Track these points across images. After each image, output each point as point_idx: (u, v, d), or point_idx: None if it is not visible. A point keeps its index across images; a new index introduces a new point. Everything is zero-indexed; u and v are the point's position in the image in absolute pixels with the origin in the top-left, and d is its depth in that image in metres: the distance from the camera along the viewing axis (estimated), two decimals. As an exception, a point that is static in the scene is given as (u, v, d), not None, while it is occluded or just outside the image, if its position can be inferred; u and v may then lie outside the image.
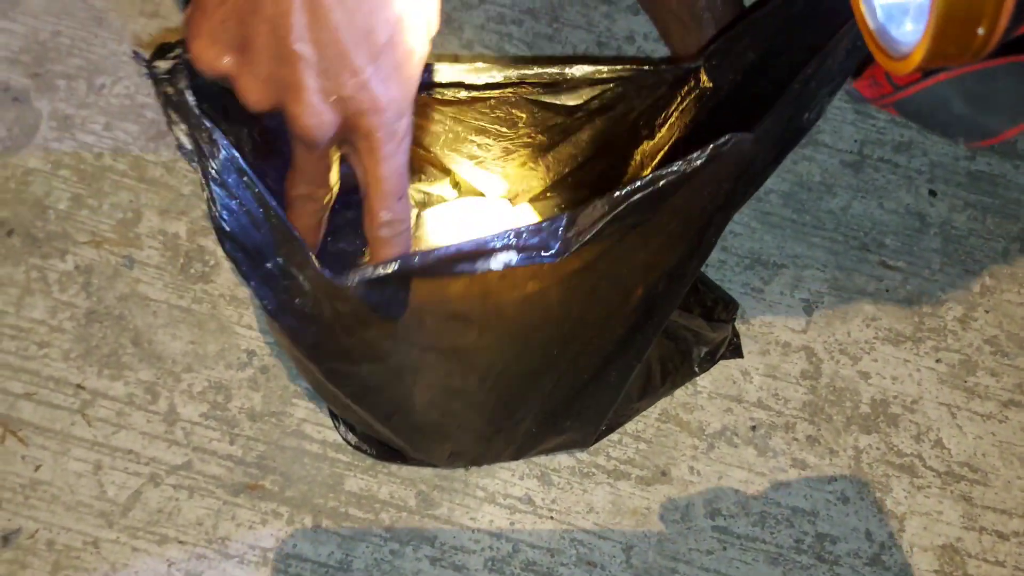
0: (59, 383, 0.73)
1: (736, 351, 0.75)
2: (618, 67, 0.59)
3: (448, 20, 0.83)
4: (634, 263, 0.52)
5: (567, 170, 0.67)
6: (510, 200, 0.71)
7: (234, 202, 0.41)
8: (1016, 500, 0.74)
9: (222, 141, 0.40)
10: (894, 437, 0.75)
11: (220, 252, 0.76)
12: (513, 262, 0.46)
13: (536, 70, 0.58)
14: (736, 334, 0.76)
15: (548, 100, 0.60)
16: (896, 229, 0.81)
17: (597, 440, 0.72)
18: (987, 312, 0.79)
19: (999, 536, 0.73)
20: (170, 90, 0.40)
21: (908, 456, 0.75)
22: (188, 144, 0.41)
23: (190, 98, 0.40)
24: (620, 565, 0.70)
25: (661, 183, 0.46)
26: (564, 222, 0.45)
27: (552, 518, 0.72)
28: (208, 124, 0.40)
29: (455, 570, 0.70)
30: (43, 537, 0.69)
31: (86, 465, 0.71)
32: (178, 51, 0.41)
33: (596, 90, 0.60)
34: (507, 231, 0.45)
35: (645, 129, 0.64)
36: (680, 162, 0.46)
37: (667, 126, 0.64)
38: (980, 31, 0.33)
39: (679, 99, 0.61)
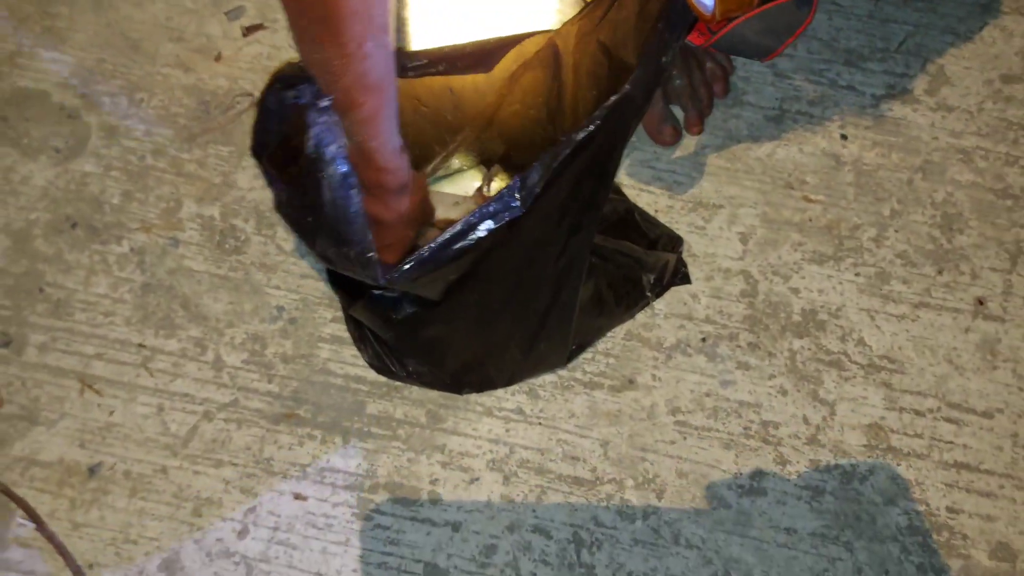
0: (123, 344, 0.88)
1: (685, 278, 0.90)
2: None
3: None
4: (560, 200, 0.68)
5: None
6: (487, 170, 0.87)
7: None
8: (928, 383, 0.88)
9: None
10: (823, 339, 0.89)
11: (249, 228, 0.91)
12: (493, 226, 0.62)
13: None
14: (684, 264, 0.90)
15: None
16: (815, 168, 0.95)
17: (571, 359, 0.87)
18: (896, 232, 0.93)
19: (916, 413, 0.87)
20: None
21: (835, 354, 0.89)
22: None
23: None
24: (599, 458, 0.85)
25: (578, 139, 0.61)
26: (517, 186, 0.62)
27: (540, 424, 0.86)
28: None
29: (463, 471, 0.84)
30: (120, 468, 0.84)
31: (150, 408, 0.86)
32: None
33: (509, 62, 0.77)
34: (481, 208, 0.61)
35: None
36: (586, 122, 0.61)
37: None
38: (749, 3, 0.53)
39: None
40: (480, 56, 0.74)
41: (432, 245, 0.65)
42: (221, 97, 0.96)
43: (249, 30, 0.98)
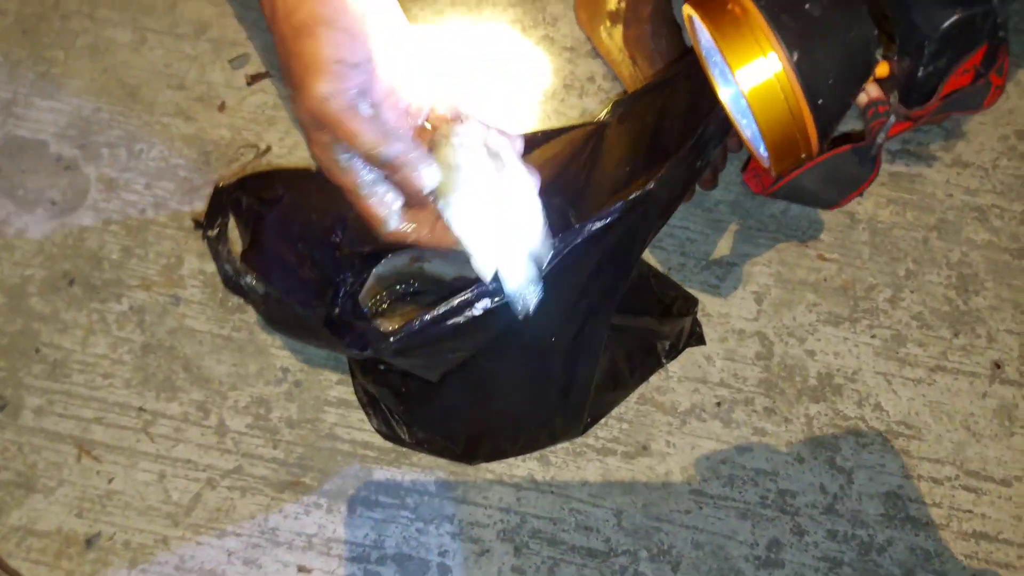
0: (123, 407, 0.85)
1: (699, 339, 0.88)
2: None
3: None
4: (577, 282, 0.66)
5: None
6: None
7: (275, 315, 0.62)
8: (947, 450, 0.87)
9: (259, 280, 0.61)
10: (839, 404, 0.88)
11: (252, 286, 0.89)
12: (490, 305, 0.60)
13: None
14: (698, 324, 0.89)
15: None
16: (829, 227, 0.94)
17: (585, 431, 0.85)
18: (912, 292, 0.92)
19: (934, 481, 0.86)
20: (220, 249, 0.59)
21: (852, 419, 0.88)
22: (235, 281, 0.62)
23: (235, 256, 0.61)
24: (612, 528, 0.83)
25: (593, 229, 0.60)
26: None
27: (552, 492, 0.84)
28: (248, 270, 0.61)
29: (473, 542, 0.82)
30: (120, 538, 0.81)
31: (152, 475, 0.83)
32: (221, 220, 0.60)
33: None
34: (479, 286, 0.59)
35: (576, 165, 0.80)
36: (603, 212, 0.60)
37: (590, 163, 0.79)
38: (803, 156, 0.49)
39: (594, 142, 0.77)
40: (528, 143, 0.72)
41: (425, 317, 0.63)
42: (223, 148, 0.94)
43: (253, 79, 0.95)
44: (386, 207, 0.58)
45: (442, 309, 0.60)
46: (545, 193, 0.81)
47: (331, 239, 0.80)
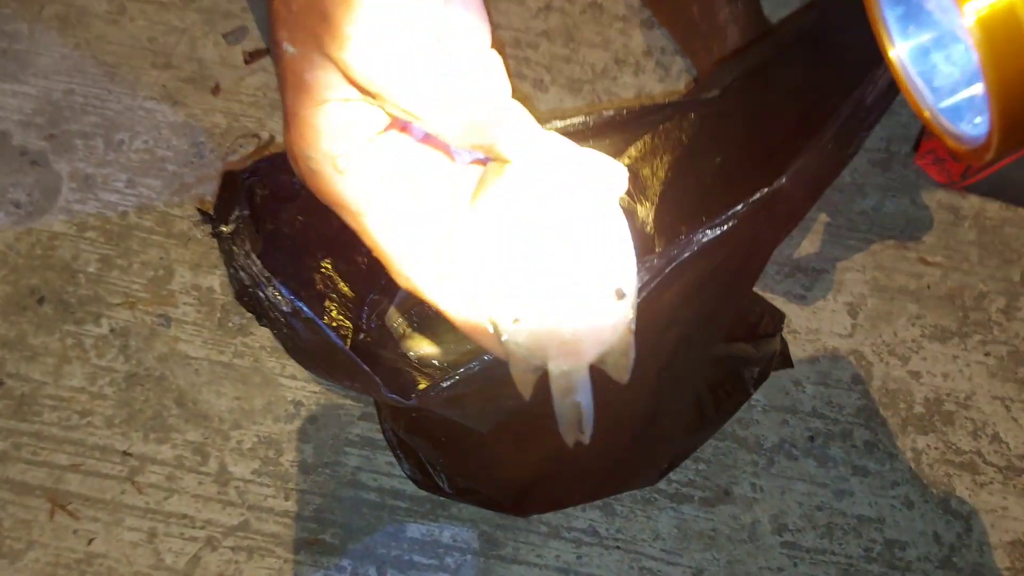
0: (105, 451, 0.71)
1: (786, 361, 0.75)
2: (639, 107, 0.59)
3: (465, 48, 0.82)
4: (669, 307, 0.52)
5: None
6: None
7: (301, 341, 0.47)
8: (1078, 489, 0.74)
9: (285, 292, 0.42)
10: (951, 435, 0.75)
11: (256, 303, 0.75)
12: None
13: (567, 121, 0.57)
14: (784, 344, 0.75)
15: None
16: (931, 224, 0.80)
17: (661, 478, 0.71)
18: (1030, 301, 0.79)
19: (1065, 526, 0.73)
20: (236, 249, 0.43)
21: (967, 453, 0.74)
22: (252, 293, 0.44)
23: (255, 259, 0.43)
24: (692, 589, 0.70)
25: (703, 242, 0.46)
26: None
27: (618, 547, 0.71)
28: (271, 277, 0.43)
29: (526, 609, 0.69)
30: (103, 611, 0.67)
31: (140, 534, 0.69)
32: (237, 212, 0.44)
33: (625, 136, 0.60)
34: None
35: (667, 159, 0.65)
36: (718, 219, 0.46)
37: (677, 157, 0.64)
38: None
39: (691, 128, 0.62)
40: (603, 128, 0.57)
41: (485, 357, 0.49)
42: (219, 138, 0.79)
43: (252, 56, 0.81)
44: (421, 239, 0.37)
45: None
46: None
47: (358, 247, 0.66)
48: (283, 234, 0.58)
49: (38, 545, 0.69)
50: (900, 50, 0.40)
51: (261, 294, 0.47)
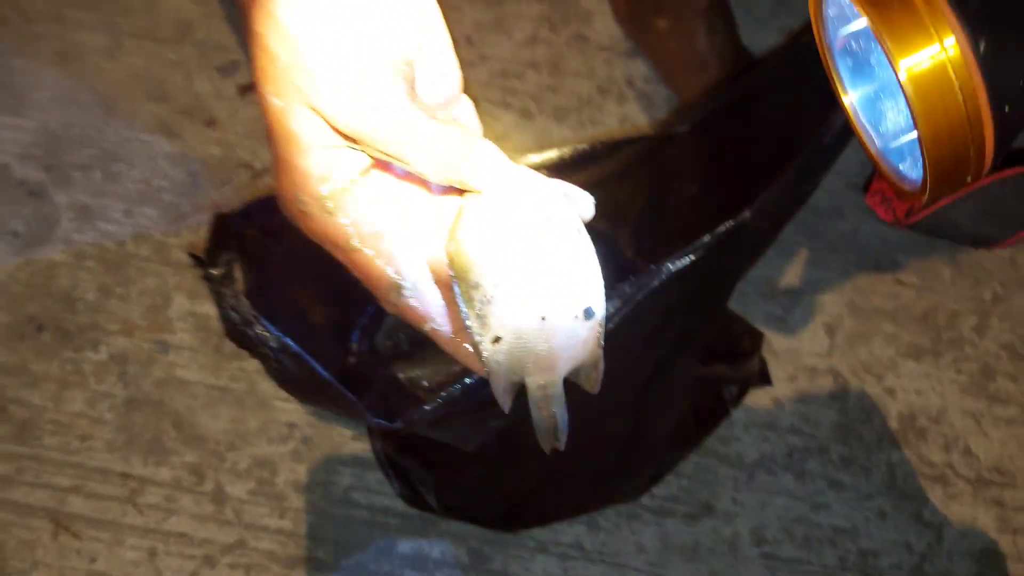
0: (105, 474, 0.73)
1: (765, 379, 0.77)
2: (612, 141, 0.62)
3: (451, 78, 0.85)
4: (646, 332, 0.55)
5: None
6: None
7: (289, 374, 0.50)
8: (1047, 500, 0.77)
9: (272, 330, 0.45)
10: (924, 449, 0.77)
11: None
12: None
13: (545, 156, 0.60)
14: (764, 362, 0.78)
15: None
16: (906, 246, 0.83)
17: (644, 492, 0.74)
18: (1000, 319, 0.82)
19: (1035, 537, 0.75)
20: (225, 291, 0.45)
21: (939, 467, 0.77)
22: (242, 331, 0.46)
23: (244, 300, 0.45)
24: (675, 602, 0.72)
25: (672, 271, 0.48)
26: None
27: (604, 561, 0.73)
28: (259, 318, 0.45)
29: (514, 622, 0.71)
30: (105, 630, 0.70)
31: (140, 553, 0.72)
32: (226, 256, 0.46)
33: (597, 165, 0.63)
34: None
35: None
36: (686, 249, 0.48)
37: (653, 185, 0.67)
38: (968, 178, 0.37)
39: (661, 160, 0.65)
40: (579, 161, 0.60)
41: (468, 380, 0.52)
42: (214, 168, 0.82)
43: (246, 88, 0.83)
44: (395, 264, 0.40)
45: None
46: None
47: (347, 276, 0.68)
48: (274, 269, 0.60)
49: (42, 565, 0.71)
50: (852, 97, 0.43)
51: (250, 332, 0.50)
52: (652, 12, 0.81)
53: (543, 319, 0.38)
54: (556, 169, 0.59)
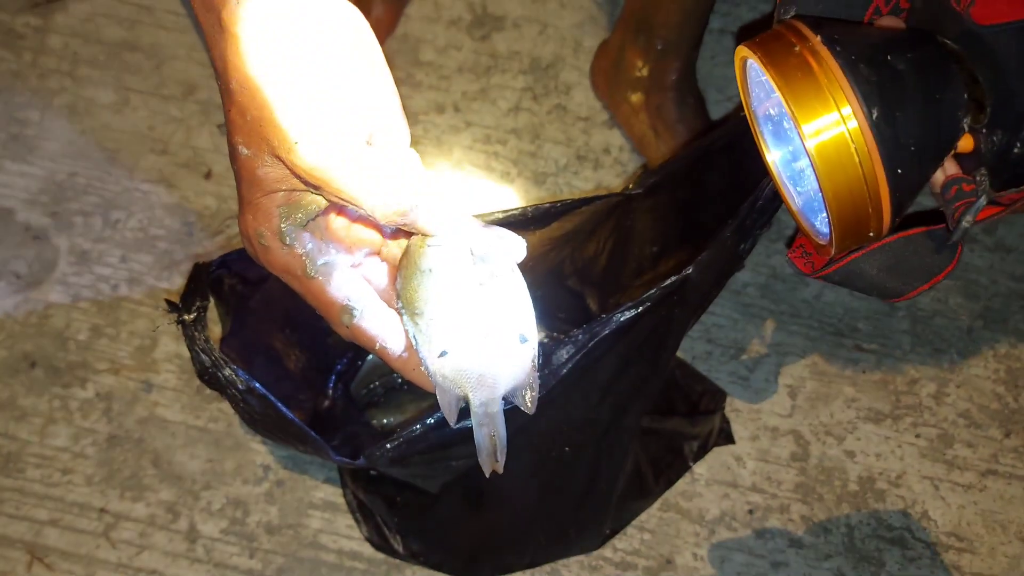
0: (83, 508, 0.75)
1: (728, 438, 0.80)
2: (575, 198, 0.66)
3: (438, 142, 0.89)
4: (602, 380, 0.58)
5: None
6: None
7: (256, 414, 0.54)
8: (1001, 565, 0.78)
9: (240, 373, 0.52)
10: (883, 512, 0.79)
11: (234, 372, 0.80)
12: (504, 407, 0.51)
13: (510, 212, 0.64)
14: (726, 421, 0.80)
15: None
16: (867, 314, 0.86)
17: (604, 543, 0.75)
18: (958, 387, 0.84)
19: (991, 602, 0.77)
20: (197, 335, 0.50)
21: (898, 529, 0.79)
22: (211, 373, 0.53)
23: (212, 344, 0.50)
24: (633, 654, 0.73)
25: (620, 321, 0.52)
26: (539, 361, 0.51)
27: (565, 612, 0.74)
28: (227, 361, 0.49)
29: (474, 669, 0.72)
30: (71, 662, 0.71)
31: (111, 587, 0.73)
32: (199, 302, 0.51)
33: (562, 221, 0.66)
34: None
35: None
36: (633, 303, 0.52)
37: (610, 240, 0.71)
38: (871, 234, 0.41)
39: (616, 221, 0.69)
40: (541, 217, 0.63)
41: (427, 421, 0.55)
42: (208, 219, 0.86)
43: (242, 145, 0.88)
44: (346, 291, 0.44)
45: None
46: (557, 275, 0.73)
47: (322, 323, 0.72)
48: (252, 316, 0.64)
49: (13, 596, 0.72)
50: (774, 156, 0.47)
51: (220, 374, 0.53)
52: (627, 87, 0.86)
53: (483, 342, 0.42)
54: (520, 223, 0.63)
